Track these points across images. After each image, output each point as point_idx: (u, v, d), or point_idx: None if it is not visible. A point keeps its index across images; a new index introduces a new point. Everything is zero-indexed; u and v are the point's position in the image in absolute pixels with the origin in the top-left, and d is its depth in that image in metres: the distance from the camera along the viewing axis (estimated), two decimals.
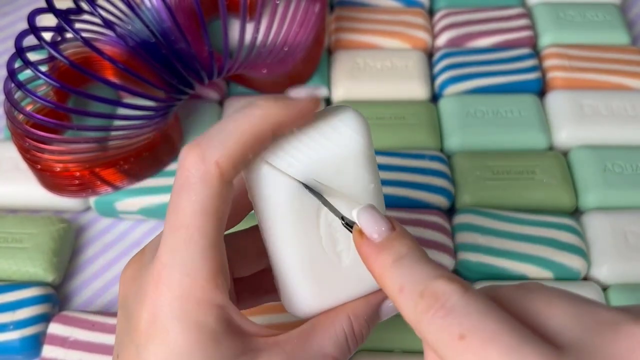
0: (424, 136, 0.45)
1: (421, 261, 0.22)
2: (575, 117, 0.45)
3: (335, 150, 0.25)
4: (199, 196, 0.23)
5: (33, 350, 0.36)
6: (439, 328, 0.20)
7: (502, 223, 0.40)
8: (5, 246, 0.39)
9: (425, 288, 0.20)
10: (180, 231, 0.23)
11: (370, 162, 0.26)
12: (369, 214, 0.23)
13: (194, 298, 0.23)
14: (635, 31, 0.54)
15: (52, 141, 0.37)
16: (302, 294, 0.26)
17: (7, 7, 0.57)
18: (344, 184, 0.25)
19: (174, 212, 0.23)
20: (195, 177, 0.22)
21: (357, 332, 0.26)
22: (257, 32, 0.40)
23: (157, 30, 0.36)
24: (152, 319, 0.23)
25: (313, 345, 0.25)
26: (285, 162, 0.24)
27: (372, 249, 0.23)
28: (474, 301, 0.20)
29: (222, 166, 0.22)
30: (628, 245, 0.39)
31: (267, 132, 0.23)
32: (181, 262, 0.23)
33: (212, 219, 0.23)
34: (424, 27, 0.51)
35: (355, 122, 0.25)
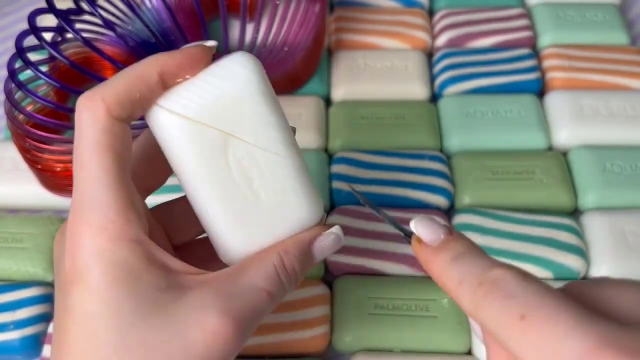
0: (424, 136, 0.45)
1: (479, 256, 0.22)
2: (574, 117, 0.45)
3: (229, 89, 0.25)
4: (91, 133, 0.23)
5: (33, 350, 0.37)
6: (498, 311, 0.20)
7: (502, 223, 0.40)
8: (5, 246, 0.39)
9: (483, 277, 0.21)
10: (83, 170, 0.24)
11: (268, 98, 0.26)
12: (425, 222, 0.24)
13: (106, 234, 0.23)
14: (635, 31, 0.54)
15: (52, 141, 0.37)
16: (230, 239, 0.26)
17: (7, 7, 0.57)
18: (244, 121, 0.25)
19: (75, 155, 0.24)
20: (85, 115, 0.24)
21: (289, 266, 0.26)
22: (257, 32, 0.40)
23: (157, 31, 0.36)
24: (72, 265, 0.23)
25: (244, 280, 0.25)
26: (179, 104, 0.25)
27: (430, 252, 0.24)
28: (532, 284, 0.20)
29: (107, 101, 0.24)
30: (627, 245, 0.39)
31: (151, 71, 0.24)
32: (89, 200, 0.23)
33: (109, 154, 0.24)
34: (424, 28, 0.51)
35: (245, 60, 0.26)
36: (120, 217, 0.23)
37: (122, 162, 0.24)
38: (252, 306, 0.24)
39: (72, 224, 0.24)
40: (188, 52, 0.25)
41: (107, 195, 0.23)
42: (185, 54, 0.25)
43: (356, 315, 0.36)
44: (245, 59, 0.26)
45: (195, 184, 0.26)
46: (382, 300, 0.37)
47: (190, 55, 0.25)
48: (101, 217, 0.23)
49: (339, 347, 0.36)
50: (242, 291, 0.24)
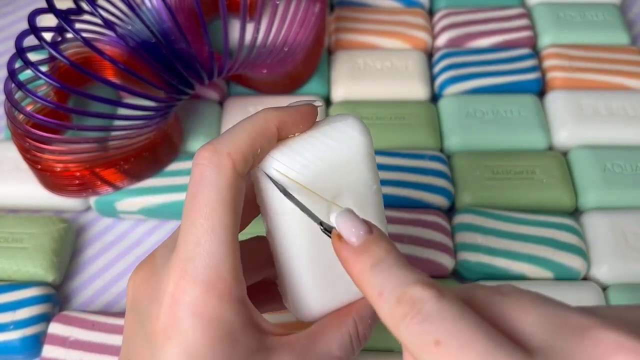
0: (424, 136, 0.45)
1: (398, 265, 0.22)
2: (575, 117, 0.45)
3: (339, 150, 0.25)
4: (216, 187, 0.23)
5: (33, 350, 0.37)
6: (415, 334, 0.20)
7: (502, 223, 0.40)
8: (5, 246, 0.39)
9: (402, 294, 0.21)
10: (201, 222, 0.23)
11: (373, 163, 0.26)
12: (346, 217, 0.23)
13: (216, 293, 0.23)
14: (635, 31, 0.54)
15: (52, 141, 0.37)
16: (309, 297, 0.26)
17: (7, 7, 0.57)
18: (349, 184, 0.26)
19: (193, 205, 0.24)
20: (210, 169, 0.23)
21: (362, 334, 0.27)
22: (257, 32, 0.40)
23: (157, 31, 0.36)
24: (170, 318, 0.23)
25: (321, 346, 0.25)
26: (292, 160, 0.25)
27: (350, 253, 0.23)
28: (448, 307, 0.20)
29: (233, 157, 0.24)
30: (628, 245, 0.39)
31: (270, 126, 0.24)
32: (205, 254, 0.23)
33: (231, 210, 0.23)
34: (424, 28, 0.51)
35: (357, 124, 0.26)
36: (232, 277, 0.23)
37: (238, 217, 0.24)
38: None
39: (179, 276, 0.23)
40: (302, 111, 0.26)
41: (224, 254, 0.23)
42: (300, 113, 0.25)
43: None
44: (358, 124, 0.26)
45: (289, 239, 0.26)
46: None
47: (305, 114, 0.26)
48: (214, 275, 0.23)
49: None
50: (319, 357, 0.25)
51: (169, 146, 0.43)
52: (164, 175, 0.43)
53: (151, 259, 0.26)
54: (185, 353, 0.22)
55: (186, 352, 0.22)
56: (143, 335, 0.24)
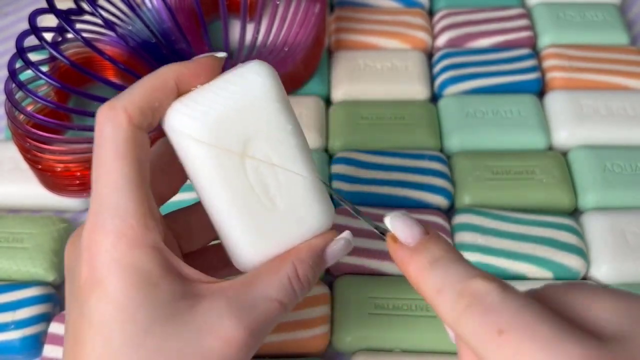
0: (424, 136, 0.45)
1: (457, 262, 0.22)
2: (574, 117, 0.45)
3: (246, 95, 0.25)
4: (114, 142, 0.24)
5: (34, 350, 0.37)
6: (477, 324, 0.20)
7: (502, 223, 0.40)
8: (6, 246, 0.39)
9: (463, 287, 0.21)
10: (103, 177, 0.24)
11: (284, 105, 0.26)
12: (402, 220, 0.24)
13: (126, 240, 0.23)
14: (635, 31, 0.54)
15: (53, 141, 0.37)
16: (245, 246, 0.26)
17: (8, 7, 0.57)
18: (259, 128, 0.25)
19: (96, 163, 0.24)
20: (107, 125, 0.24)
21: (302, 276, 0.26)
22: (258, 33, 0.40)
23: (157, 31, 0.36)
24: (89, 271, 0.23)
25: (257, 291, 0.25)
26: (197, 110, 0.25)
27: (406, 253, 0.23)
28: (512, 297, 0.20)
29: (129, 111, 0.24)
30: (628, 245, 0.39)
31: (168, 79, 0.25)
32: (110, 206, 0.24)
33: (130, 162, 0.24)
34: (424, 28, 0.51)
35: (259, 67, 0.26)
36: (139, 224, 0.24)
37: (142, 170, 0.24)
38: (265, 316, 0.24)
39: (90, 230, 0.24)
40: (201, 62, 0.26)
41: (127, 202, 0.24)
42: (199, 64, 0.26)
43: (356, 315, 0.36)
44: (260, 67, 0.26)
45: (213, 191, 0.26)
46: (382, 300, 0.37)
47: (204, 64, 0.26)
48: (120, 223, 0.23)
49: (339, 347, 0.36)
50: (255, 301, 0.24)
51: None
52: None
53: (81, 226, 0.26)
54: (107, 301, 0.23)
55: (107, 300, 0.23)
56: (73, 293, 0.25)
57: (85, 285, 0.23)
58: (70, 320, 0.24)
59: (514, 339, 0.19)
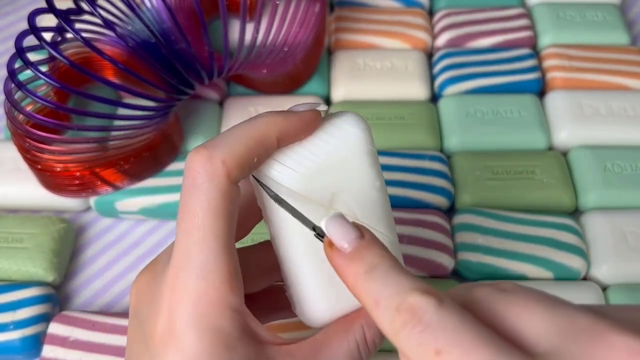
0: (424, 136, 0.45)
1: (394, 271, 0.21)
2: (575, 117, 0.45)
3: (338, 148, 0.25)
4: (208, 196, 0.23)
5: (33, 350, 0.37)
6: (416, 344, 0.19)
7: (502, 223, 0.40)
8: (5, 246, 0.39)
9: (401, 302, 0.20)
10: (193, 233, 0.23)
11: (375, 160, 0.26)
12: (336, 222, 0.23)
13: (209, 301, 0.23)
14: (635, 31, 0.54)
15: (52, 141, 0.37)
16: (316, 301, 0.26)
17: (7, 7, 0.57)
18: (349, 182, 0.25)
19: (184, 214, 0.23)
20: (202, 176, 0.23)
21: (370, 342, 0.26)
22: (257, 33, 0.40)
23: (157, 31, 0.36)
24: (167, 326, 0.23)
25: (325, 356, 0.24)
26: (292, 161, 0.25)
27: (343, 259, 0.22)
28: (448, 315, 0.19)
29: (228, 165, 0.23)
30: (628, 245, 0.39)
31: (271, 136, 0.24)
32: (196, 265, 0.23)
33: (222, 219, 0.23)
34: (424, 28, 0.51)
35: (356, 120, 0.26)
36: (224, 285, 0.23)
37: (232, 227, 0.24)
38: None
39: (173, 284, 0.23)
40: (304, 118, 0.25)
41: (215, 263, 0.23)
42: (302, 119, 0.25)
43: None
44: (355, 119, 0.26)
45: (294, 243, 0.25)
46: None
47: (306, 120, 0.25)
48: (206, 283, 0.23)
49: None
50: None
51: (169, 146, 0.43)
52: (164, 175, 0.43)
53: (153, 264, 0.26)
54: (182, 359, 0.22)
55: (183, 358, 0.22)
56: (143, 341, 0.24)
57: (162, 338, 0.23)
58: None
59: None
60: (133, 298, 0.25)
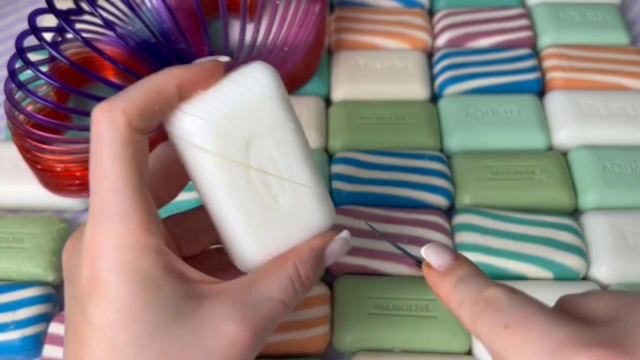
0: (424, 136, 0.45)
1: (477, 278, 0.25)
2: (574, 117, 0.45)
3: (249, 95, 0.26)
4: (112, 144, 0.24)
5: (34, 350, 0.37)
6: (488, 323, 0.23)
7: (502, 223, 0.40)
8: (5, 246, 0.39)
9: (478, 296, 0.24)
10: (104, 181, 0.24)
11: (288, 105, 0.27)
12: (435, 249, 0.26)
13: (128, 245, 0.23)
14: (635, 31, 0.54)
15: (52, 141, 0.37)
16: (247, 245, 0.26)
17: (7, 7, 0.57)
18: (263, 127, 0.26)
19: (93, 164, 0.24)
20: (104, 125, 0.24)
21: (304, 276, 0.26)
22: (257, 33, 0.40)
23: (157, 31, 0.36)
24: (91, 274, 0.23)
25: (259, 291, 0.25)
26: (203, 111, 0.25)
27: (438, 276, 0.26)
28: (518, 299, 0.23)
29: (128, 113, 0.24)
30: (627, 245, 0.39)
31: (169, 85, 0.25)
32: (110, 211, 0.23)
33: (130, 165, 0.24)
34: (424, 28, 0.51)
35: (263, 67, 0.26)
36: (141, 228, 0.24)
37: (141, 173, 0.24)
38: (268, 316, 0.25)
39: (92, 233, 0.24)
40: (204, 66, 0.26)
41: (128, 206, 0.24)
42: (201, 68, 0.26)
43: (356, 315, 0.36)
44: (262, 67, 0.26)
45: (216, 192, 0.26)
46: (382, 300, 0.37)
47: (206, 68, 0.26)
48: (123, 227, 0.23)
49: (339, 347, 0.36)
50: (258, 301, 0.25)
51: None
52: None
53: (80, 228, 0.26)
54: (109, 304, 0.23)
55: (109, 303, 0.23)
56: (74, 296, 0.24)
57: (87, 288, 0.23)
58: (72, 323, 0.24)
59: (517, 330, 0.22)
60: (63, 264, 0.26)
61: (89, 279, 0.23)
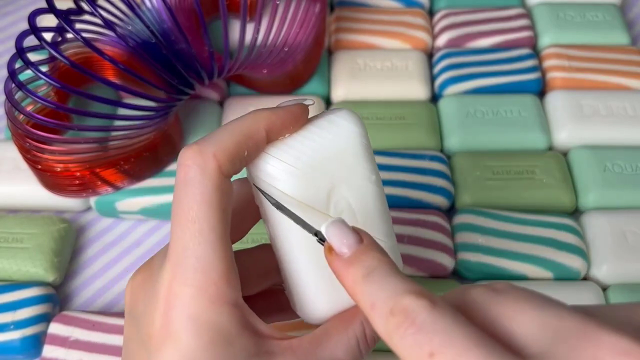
0: (424, 136, 0.45)
1: (390, 275, 0.21)
2: (575, 117, 0.45)
3: (333, 142, 0.25)
4: (201, 189, 0.23)
5: (34, 350, 0.37)
6: (409, 345, 0.20)
7: (502, 223, 0.40)
8: (6, 246, 0.39)
9: (394, 304, 0.20)
10: (188, 226, 0.23)
11: (371, 155, 0.26)
12: (336, 228, 0.23)
13: (207, 296, 0.23)
14: (635, 31, 0.54)
15: (52, 141, 0.37)
16: (315, 298, 0.26)
17: (8, 7, 0.57)
18: (345, 176, 0.25)
19: (179, 209, 0.23)
20: (194, 170, 0.23)
21: (369, 336, 0.26)
22: (258, 33, 0.40)
23: (157, 31, 0.36)
24: (164, 322, 0.23)
25: (325, 350, 0.25)
26: (290, 155, 0.25)
27: (342, 263, 0.22)
28: (441, 317, 0.20)
29: (219, 158, 0.23)
30: (628, 245, 0.39)
31: (259, 129, 0.24)
32: (193, 258, 0.23)
33: (217, 212, 0.23)
34: (424, 28, 0.51)
35: (349, 115, 0.26)
36: (222, 280, 0.23)
37: (227, 220, 0.24)
38: None
39: (170, 280, 0.23)
40: (291, 110, 0.25)
41: (212, 256, 0.23)
42: (289, 112, 0.25)
43: None
44: (348, 114, 0.26)
45: (292, 238, 0.25)
46: None
47: (293, 113, 0.25)
48: (203, 278, 0.23)
49: None
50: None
51: (169, 146, 0.43)
52: (164, 175, 0.43)
53: (149, 263, 0.26)
54: (180, 356, 0.22)
55: (181, 355, 0.22)
56: (139, 339, 0.24)
57: (158, 336, 0.23)
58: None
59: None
60: (128, 297, 0.25)
61: (162, 326, 0.23)
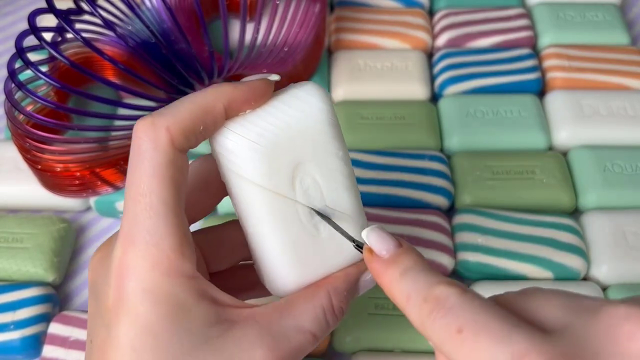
0: (424, 136, 0.45)
1: (424, 272, 0.23)
2: (575, 117, 0.45)
3: (298, 118, 0.25)
4: (152, 162, 0.23)
5: (33, 350, 0.37)
6: (440, 326, 0.21)
7: (502, 223, 0.40)
8: (5, 246, 0.39)
9: (427, 293, 0.22)
10: (139, 199, 0.23)
11: (338, 131, 0.26)
12: (377, 234, 0.24)
13: (161, 269, 0.23)
14: (635, 31, 0.54)
15: (52, 141, 0.37)
16: (283, 270, 0.26)
17: (7, 7, 0.57)
18: (311, 152, 0.25)
19: (130, 181, 0.23)
20: (146, 143, 0.23)
21: (337, 307, 0.26)
22: (257, 33, 0.40)
23: (157, 31, 0.36)
24: (119, 295, 0.23)
25: (289, 319, 0.24)
26: (252, 131, 0.24)
27: (381, 264, 0.24)
28: (470, 299, 0.21)
29: (172, 132, 0.23)
30: (628, 245, 0.39)
31: (217, 104, 0.24)
32: (144, 232, 0.23)
33: (169, 185, 0.23)
34: (424, 28, 0.51)
35: (315, 89, 0.25)
36: (175, 252, 0.23)
37: (180, 194, 0.24)
38: (296, 347, 0.24)
39: (123, 253, 0.23)
40: (253, 85, 0.25)
41: (164, 229, 0.23)
42: (251, 87, 0.25)
43: (356, 315, 0.36)
44: (315, 89, 0.25)
45: (257, 213, 0.25)
46: (382, 301, 0.37)
47: (256, 88, 0.25)
48: (157, 251, 0.23)
49: (339, 347, 0.36)
50: (288, 331, 0.24)
51: None
52: None
53: (109, 239, 0.26)
54: (137, 327, 0.22)
55: (137, 327, 0.22)
56: (99, 314, 0.24)
57: (114, 308, 0.23)
58: (95, 338, 0.24)
59: (471, 336, 0.20)
60: (89, 275, 0.25)
61: (117, 299, 0.23)
